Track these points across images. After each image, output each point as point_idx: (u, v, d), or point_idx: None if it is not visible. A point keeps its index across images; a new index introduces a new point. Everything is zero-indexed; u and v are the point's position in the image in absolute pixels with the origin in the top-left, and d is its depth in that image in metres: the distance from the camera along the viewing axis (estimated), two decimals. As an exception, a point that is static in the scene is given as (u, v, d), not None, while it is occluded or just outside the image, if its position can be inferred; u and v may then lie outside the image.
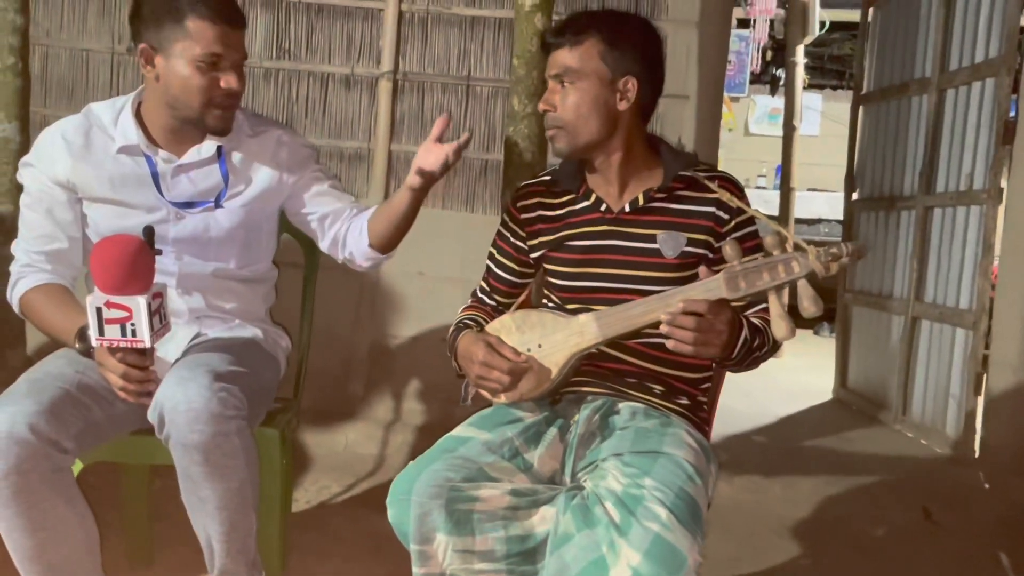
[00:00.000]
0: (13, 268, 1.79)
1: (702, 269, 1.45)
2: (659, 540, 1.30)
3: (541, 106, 1.62)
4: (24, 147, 2.62)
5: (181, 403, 1.54)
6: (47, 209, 1.76)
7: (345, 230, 1.89)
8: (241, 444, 1.59)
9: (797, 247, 1.39)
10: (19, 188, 1.83)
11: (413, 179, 1.72)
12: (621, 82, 1.59)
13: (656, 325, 1.44)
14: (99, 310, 1.49)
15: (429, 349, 3.33)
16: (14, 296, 1.77)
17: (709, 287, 1.43)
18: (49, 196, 1.76)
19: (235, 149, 1.84)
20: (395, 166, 3.38)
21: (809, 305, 1.37)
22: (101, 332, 1.51)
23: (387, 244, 1.86)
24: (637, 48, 1.60)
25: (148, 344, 1.52)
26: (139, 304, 1.49)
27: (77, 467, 1.69)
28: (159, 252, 1.60)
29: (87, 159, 1.75)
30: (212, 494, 1.60)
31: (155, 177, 1.77)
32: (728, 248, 1.41)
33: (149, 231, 1.58)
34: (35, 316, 1.75)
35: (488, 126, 3.36)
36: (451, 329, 1.72)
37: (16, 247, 1.80)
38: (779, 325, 1.40)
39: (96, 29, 3.32)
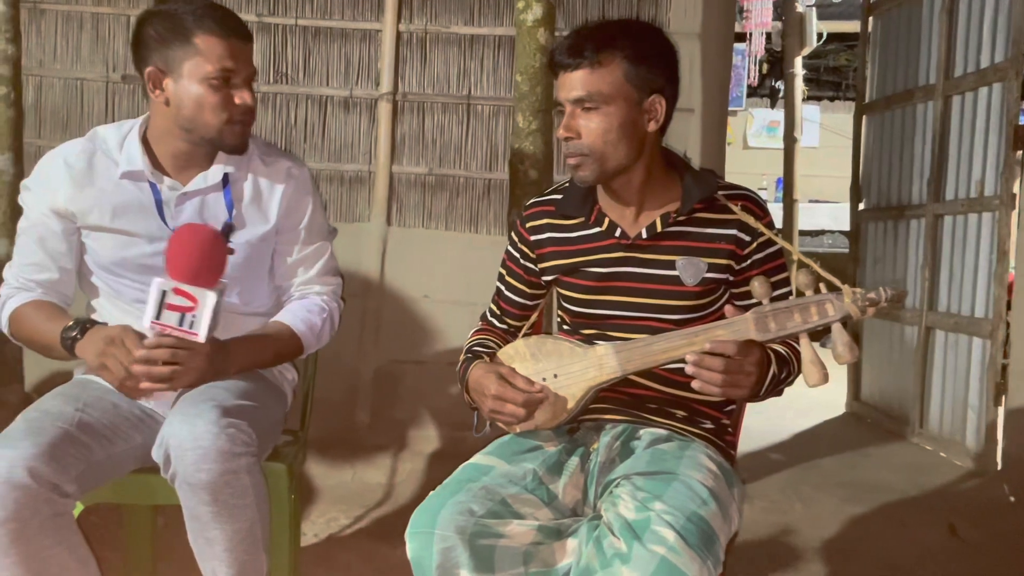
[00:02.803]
0: (2, 291, 1.74)
1: (728, 308, 1.38)
2: (665, 563, 1.23)
3: (562, 133, 1.49)
4: (18, 178, 2.58)
5: (187, 440, 1.47)
6: (40, 237, 1.71)
7: (284, 299, 1.87)
8: (251, 482, 1.52)
9: (831, 287, 1.31)
10: (14, 222, 1.77)
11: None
12: (648, 102, 1.49)
13: (678, 361, 1.38)
14: (164, 293, 1.51)
15: (436, 374, 3.26)
16: (3, 315, 1.71)
17: (736, 327, 1.35)
18: (43, 224, 1.70)
19: (243, 178, 1.76)
20: (396, 188, 3.33)
21: (844, 351, 1.29)
22: (158, 316, 1.52)
23: None
24: (661, 64, 1.50)
25: (202, 340, 1.55)
26: (208, 298, 1.52)
27: (77, 508, 1.61)
28: (232, 251, 1.61)
29: (89, 185, 1.69)
30: (221, 535, 1.53)
31: (159, 205, 1.70)
32: (757, 285, 1.33)
33: (228, 227, 1.60)
34: (23, 328, 1.68)
35: (490, 145, 3.31)
36: (461, 357, 1.65)
37: (7, 270, 1.75)
38: (811, 371, 1.31)
39: (90, 58, 3.27)
